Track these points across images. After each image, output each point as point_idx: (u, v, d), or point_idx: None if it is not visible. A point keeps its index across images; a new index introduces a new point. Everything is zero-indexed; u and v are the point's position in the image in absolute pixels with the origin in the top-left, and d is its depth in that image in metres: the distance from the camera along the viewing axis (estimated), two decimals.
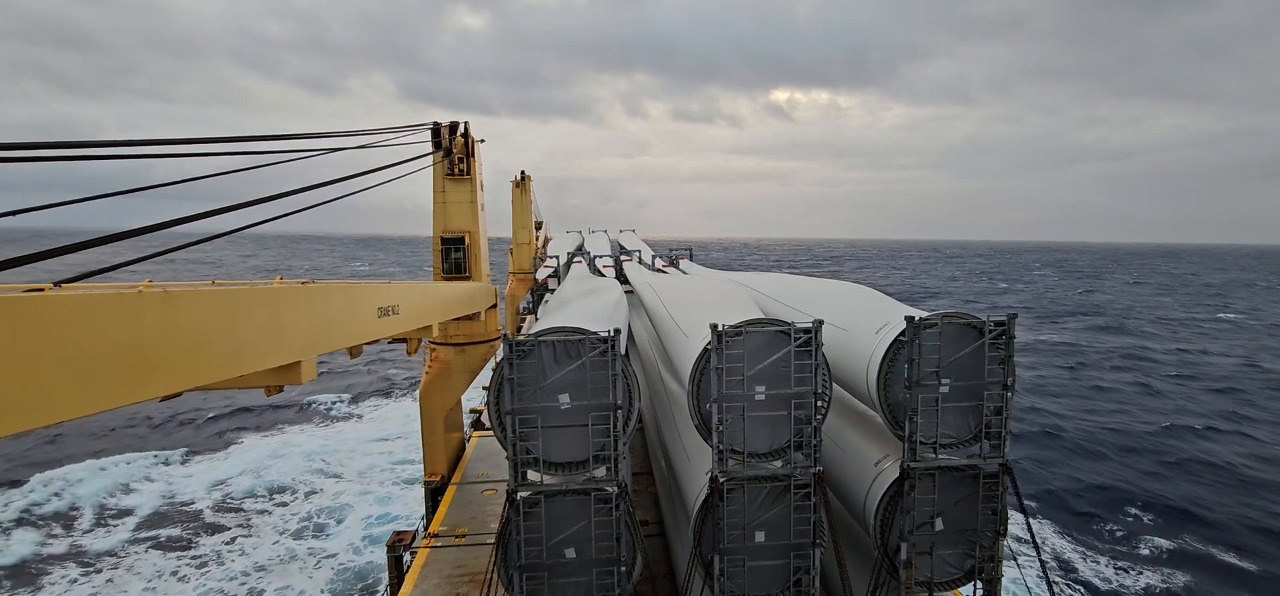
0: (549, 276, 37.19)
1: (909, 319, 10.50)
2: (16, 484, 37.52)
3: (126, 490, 37.95)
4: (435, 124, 20.23)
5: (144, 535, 32.84)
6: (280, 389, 7.92)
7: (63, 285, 5.00)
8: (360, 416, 53.55)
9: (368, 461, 42.72)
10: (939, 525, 11.09)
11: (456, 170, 20.91)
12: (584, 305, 14.42)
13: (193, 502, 36.62)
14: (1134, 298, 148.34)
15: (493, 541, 10.70)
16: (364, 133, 13.31)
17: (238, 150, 8.79)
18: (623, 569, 10.49)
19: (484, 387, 32.66)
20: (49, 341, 4.22)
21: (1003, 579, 11.50)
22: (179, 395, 6.07)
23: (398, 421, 51.00)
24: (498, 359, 10.19)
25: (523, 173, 48.89)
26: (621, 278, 30.98)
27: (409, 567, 16.43)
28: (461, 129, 20.83)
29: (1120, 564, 29.76)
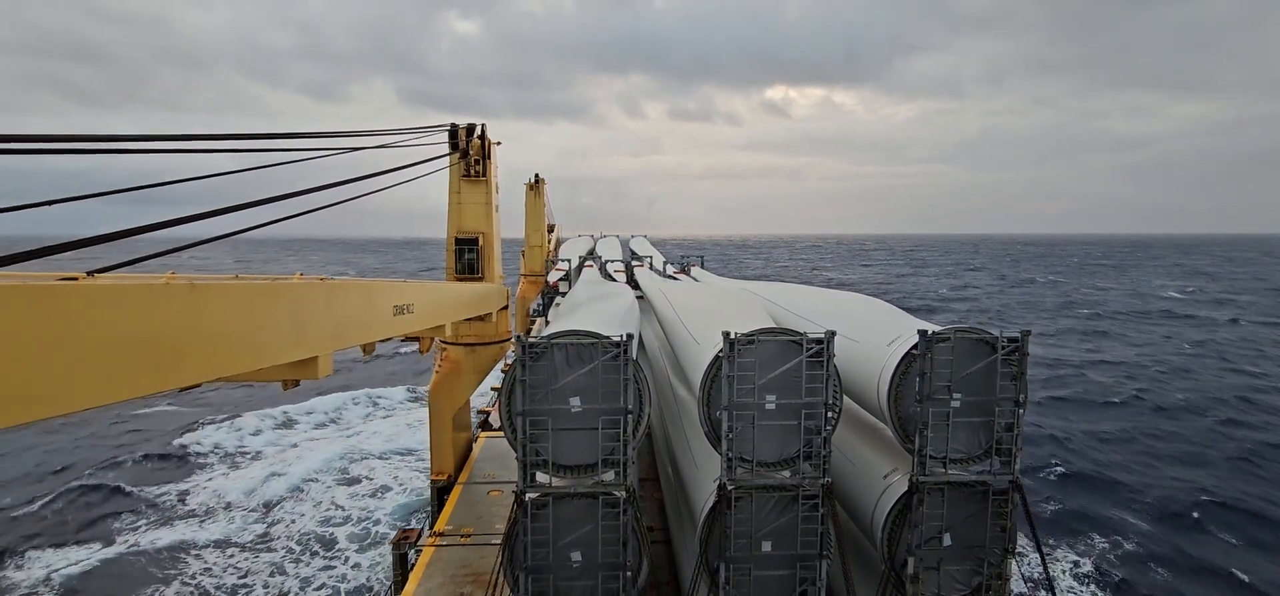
0: (560, 280, 37.41)
1: (921, 332, 10.50)
2: None
3: None
4: (453, 125, 20.41)
5: None
6: (297, 383, 8.03)
7: (96, 274, 5.12)
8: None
9: None
10: (947, 540, 11.05)
11: (473, 172, 21.08)
12: (596, 309, 14.50)
13: None
14: None
15: (498, 542, 10.75)
16: (382, 133, 13.43)
17: (252, 148, 8.49)
18: (628, 574, 10.51)
19: (493, 388, 32.80)
20: (82, 328, 4.33)
21: None
22: (198, 386, 6.17)
23: None
24: (509, 360, 10.28)
25: (537, 176, 49.11)
26: (633, 283, 31.10)
27: (413, 565, 16.51)
28: (479, 131, 21.00)
29: None
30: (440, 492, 21.13)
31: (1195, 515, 32.17)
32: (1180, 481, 36.12)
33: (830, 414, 10.53)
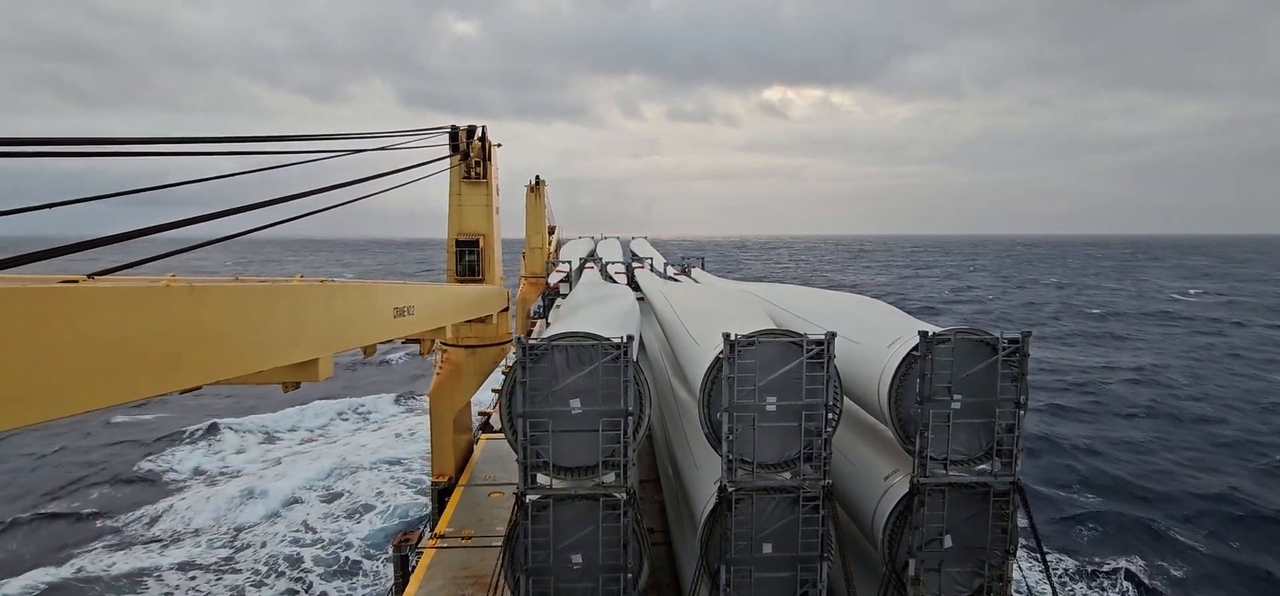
0: (561, 281, 37.42)
1: (922, 333, 10.48)
2: None
3: None
4: (453, 127, 20.45)
5: None
6: (298, 385, 8.04)
7: (96, 276, 5.12)
8: None
9: None
10: (948, 542, 11.03)
11: (473, 173, 21.11)
12: (596, 311, 14.50)
13: None
14: None
15: (499, 544, 10.75)
16: (383, 135, 13.45)
17: (253, 150, 8.52)
18: (629, 576, 10.50)
19: (494, 390, 32.80)
20: (82, 330, 4.34)
21: None
22: (198, 389, 6.17)
23: None
24: (509, 362, 10.28)
25: (537, 177, 49.12)
26: (633, 285, 31.10)
27: (414, 567, 16.51)
28: (479, 132, 21.04)
29: None
30: (441, 494, 21.14)
31: (1226, 526, 31.61)
32: (1207, 489, 35.56)
33: (831, 415, 10.51)
